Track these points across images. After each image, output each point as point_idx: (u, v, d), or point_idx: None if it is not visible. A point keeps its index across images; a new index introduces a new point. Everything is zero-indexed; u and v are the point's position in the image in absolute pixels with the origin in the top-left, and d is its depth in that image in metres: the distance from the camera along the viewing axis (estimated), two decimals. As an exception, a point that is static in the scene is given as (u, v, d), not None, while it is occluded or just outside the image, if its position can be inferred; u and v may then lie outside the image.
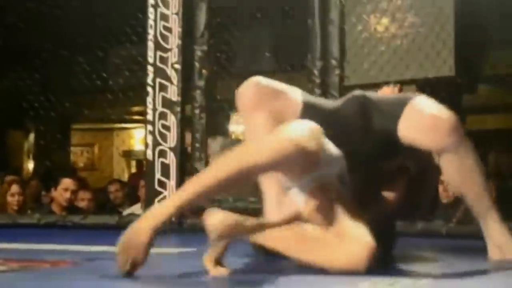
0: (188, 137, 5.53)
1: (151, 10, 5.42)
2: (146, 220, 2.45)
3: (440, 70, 6.23)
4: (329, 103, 3.10)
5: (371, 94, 2.97)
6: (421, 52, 6.00)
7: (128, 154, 14.50)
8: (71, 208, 6.22)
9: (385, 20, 6.11)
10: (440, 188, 5.35)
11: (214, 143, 4.08)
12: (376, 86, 6.17)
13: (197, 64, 5.46)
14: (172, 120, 5.34)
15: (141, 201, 6.49)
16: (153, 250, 2.45)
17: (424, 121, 2.73)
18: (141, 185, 6.52)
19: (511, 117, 11.87)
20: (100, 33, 8.16)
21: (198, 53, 5.47)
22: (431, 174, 3.13)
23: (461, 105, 9.78)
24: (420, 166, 3.02)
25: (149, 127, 5.38)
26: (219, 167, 2.49)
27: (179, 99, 5.39)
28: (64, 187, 6.20)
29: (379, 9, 6.03)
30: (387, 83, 5.95)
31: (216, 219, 2.52)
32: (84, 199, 6.63)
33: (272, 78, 2.95)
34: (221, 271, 2.51)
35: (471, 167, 2.81)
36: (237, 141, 5.82)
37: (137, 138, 14.16)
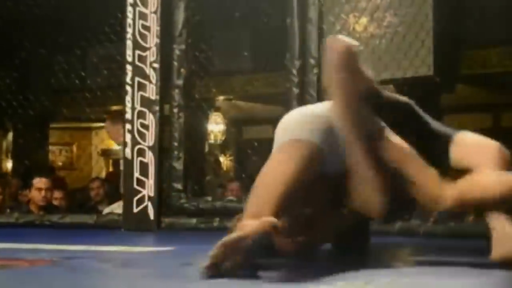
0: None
1: (129, 9, 5.41)
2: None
3: (419, 70, 6.26)
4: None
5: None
6: (400, 51, 6.03)
7: (106, 153, 14.46)
8: (48, 207, 6.21)
9: (363, 20, 6.13)
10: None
11: None
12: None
13: (175, 63, 5.46)
14: (150, 119, 5.34)
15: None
16: (132, 249, 2.46)
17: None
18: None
19: (488, 116, 12.00)
20: (79, 32, 8.13)
21: (177, 52, 5.47)
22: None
23: (439, 104, 9.85)
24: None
25: (128, 126, 5.37)
26: None
27: (158, 98, 5.38)
28: (37, 187, 6.21)
29: (357, 9, 6.04)
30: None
31: None
32: (57, 198, 6.64)
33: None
34: None
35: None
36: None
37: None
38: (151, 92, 5.35)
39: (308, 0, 5.14)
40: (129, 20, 5.41)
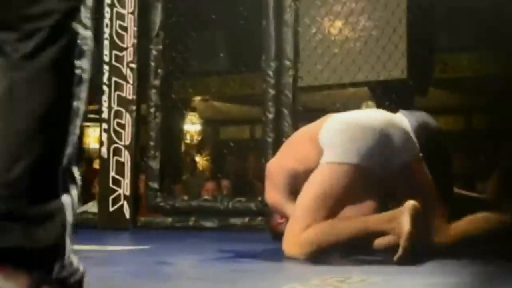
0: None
1: (107, 9, 5.44)
2: None
3: (392, 73, 6.30)
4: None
5: None
6: (374, 54, 6.07)
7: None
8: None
9: (338, 23, 6.17)
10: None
11: None
12: (329, 87, 6.27)
13: (152, 64, 5.49)
14: (127, 119, 5.37)
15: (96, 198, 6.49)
16: (108, 247, 2.48)
17: None
18: (95, 183, 6.52)
19: (460, 118, 12.13)
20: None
21: (154, 52, 5.50)
22: None
23: (412, 107, 9.92)
24: None
25: (104, 125, 5.40)
26: None
27: (135, 97, 5.42)
28: None
29: (332, 12, 6.09)
30: (340, 85, 6.08)
31: None
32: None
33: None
34: None
35: None
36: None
37: (92, 136, 14.09)
38: (128, 92, 5.38)
39: (284, 3, 5.19)
40: (107, 21, 5.44)
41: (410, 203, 2.85)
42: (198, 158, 13.29)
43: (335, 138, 3.19)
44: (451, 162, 3.47)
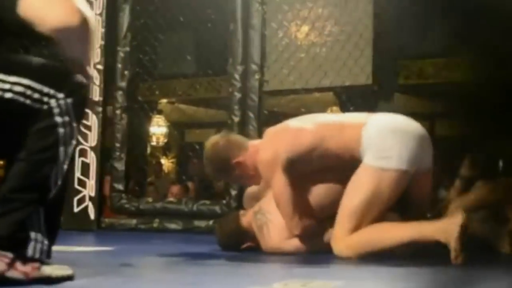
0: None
1: (74, 10, 5.42)
2: None
3: (358, 78, 6.36)
4: None
5: None
6: (340, 60, 6.12)
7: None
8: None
9: (305, 28, 6.21)
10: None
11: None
12: (295, 92, 6.31)
13: (119, 65, 5.49)
14: (93, 120, 5.36)
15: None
16: (72, 248, 2.47)
17: None
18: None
19: (424, 124, 12.23)
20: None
21: (121, 54, 5.50)
22: None
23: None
24: None
25: (72, 127, 5.37)
26: None
27: (101, 99, 5.41)
28: None
29: (299, 17, 6.13)
30: (305, 89, 6.11)
31: None
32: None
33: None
34: None
35: None
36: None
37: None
38: (95, 93, 5.38)
39: (252, 7, 5.21)
40: (74, 21, 5.42)
41: (462, 216, 3.02)
42: (163, 161, 13.27)
43: (382, 141, 3.29)
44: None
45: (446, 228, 3.03)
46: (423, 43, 8.38)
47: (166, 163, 13.56)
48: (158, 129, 12.59)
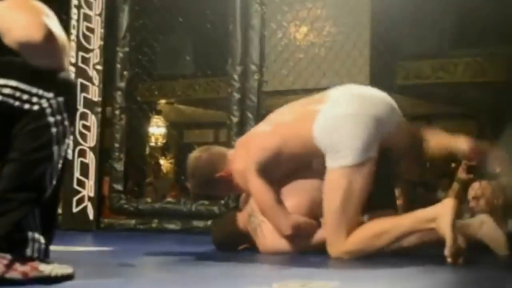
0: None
1: (74, 10, 5.43)
2: None
3: (356, 78, 6.37)
4: None
5: None
6: (338, 60, 6.13)
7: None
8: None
9: (304, 28, 6.23)
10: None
11: None
12: (294, 92, 6.31)
13: (118, 66, 5.49)
14: (92, 120, 5.37)
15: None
16: (71, 248, 2.47)
17: None
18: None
19: (422, 125, 12.25)
20: None
21: (120, 54, 5.50)
22: None
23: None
24: None
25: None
26: None
27: (100, 99, 5.42)
28: None
29: (299, 18, 6.14)
30: (304, 90, 6.11)
31: None
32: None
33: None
34: None
35: None
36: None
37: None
38: (94, 93, 5.38)
39: (251, 7, 5.21)
40: (73, 22, 5.43)
41: (450, 202, 3.07)
42: (162, 161, 13.28)
43: (334, 138, 3.27)
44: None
45: (434, 216, 3.05)
46: (420, 44, 8.40)
47: (165, 163, 13.57)
48: (157, 129, 12.61)
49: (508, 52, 7.64)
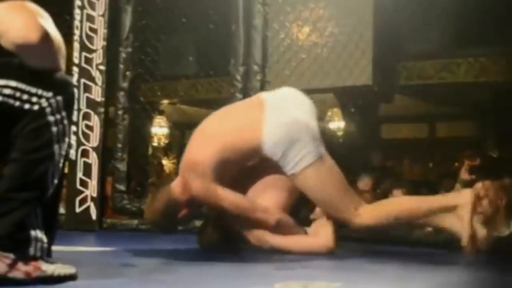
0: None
1: (77, 11, 5.43)
2: None
3: (358, 79, 6.38)
4: None
5: None
6: (340, 61, 6.14)
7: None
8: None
9: (306, 29, 6.23)
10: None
11: None
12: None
13: (121, 66, 5.49)
14: (95, 121, 5.37)
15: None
16: (73, 248, 2.47)
17: None
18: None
19: (424, 126, 12.25)
20: None
21: (123, 55, 5.50)
22: None
23: (377, 113, 9.98)
24: None
25: (73, 127, 5.38)
26: None
27: (103, 100, 5.42)
28: None
29: (301, 18, 6.15)
30: (307, 90, 6.12)
31: None
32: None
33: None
34: None
35: None
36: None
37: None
38: (97, 94, 5.38)
39: (253, 8, 5.21)
40: (77, 22, 5.43)
41: (469, 193, 3.28)
42: (165, 161, 13.28)
43: (288, 150, 3.38)
44: None
45: (458, 202, 3.22)
46: (424, 44, 8.39)
47: (167, 163, 13.57)
48: (159, 129, 12.60)
49: (512, 52, 7.65)
